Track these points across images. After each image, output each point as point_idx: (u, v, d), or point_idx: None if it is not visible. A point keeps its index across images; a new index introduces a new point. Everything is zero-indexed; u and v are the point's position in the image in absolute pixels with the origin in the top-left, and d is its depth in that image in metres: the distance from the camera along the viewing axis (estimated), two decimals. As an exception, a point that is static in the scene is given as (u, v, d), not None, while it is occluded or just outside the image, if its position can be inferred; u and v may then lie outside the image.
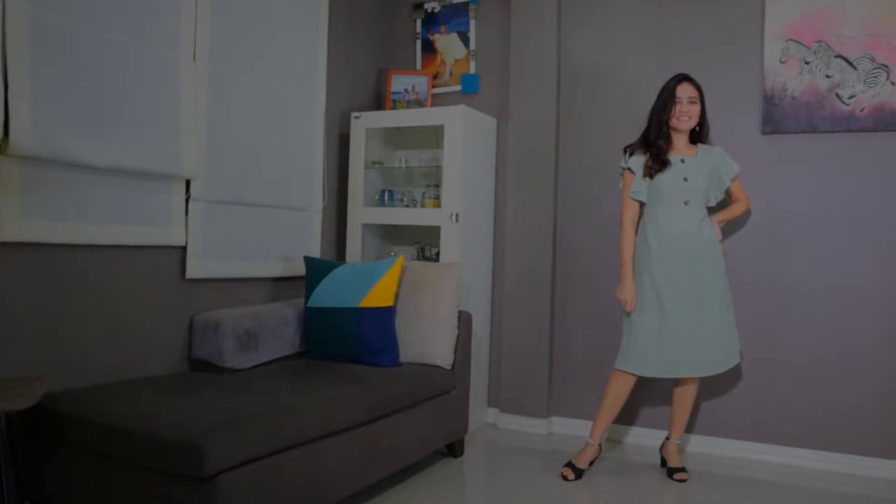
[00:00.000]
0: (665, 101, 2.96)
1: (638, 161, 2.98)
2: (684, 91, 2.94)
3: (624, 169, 3.03)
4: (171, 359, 2.83)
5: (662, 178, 2.93)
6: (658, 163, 2.94)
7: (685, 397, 3.10)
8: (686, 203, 2.93)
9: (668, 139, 2.97)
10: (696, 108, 2.95)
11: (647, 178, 2.95)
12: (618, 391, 2.97)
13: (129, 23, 2.60)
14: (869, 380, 3.12)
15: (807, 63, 3.20)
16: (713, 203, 3.05)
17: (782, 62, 3.24)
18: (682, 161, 2.96)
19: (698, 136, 3.03)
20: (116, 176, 2.59)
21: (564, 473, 2.97)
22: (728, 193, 3.10)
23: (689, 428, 3.42)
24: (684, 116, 2.94)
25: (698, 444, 3.42)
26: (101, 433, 2.06)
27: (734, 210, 3.13)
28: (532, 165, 3.74)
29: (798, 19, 3.21)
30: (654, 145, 2.96)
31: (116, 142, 2.55)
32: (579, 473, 2.97)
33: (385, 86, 4.10)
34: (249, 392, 2.40)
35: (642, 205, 3.03)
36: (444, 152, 3.59)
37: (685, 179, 2.93)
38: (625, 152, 3.04)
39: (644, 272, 2.96)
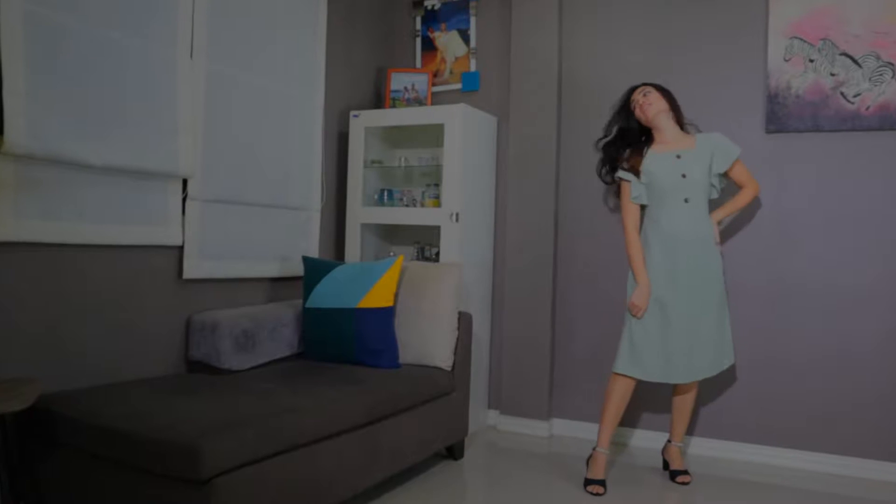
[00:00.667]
0: (626, 106, 3.07)
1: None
2: (636, 93, 3.04)
3: (619, 181, 3.05)
4: (167, 360, 2.83)
5: (661, 176, 2.91)
6: (636, 153, 3.00)
7: (685, 401, 3.09)
8: (686, 201, 2.91)
9: (639, 130, 3.06)
10: (653, 95, 2.99)
11: (641, 178, 2.95)
12: (622, 396, 2.93)
13: (126, 20, 2.59)
14: (872, 381, 3.12)
15: (811, 61, 3.19)
16: (715, 196, 3.02)
17: (786, 60, 3.23)
18: (679, 157, 2.94)
19: (683, 122, 3.05)
20: (113, 175, 2.58)
21: (594, 491, 2.86)
22: (733, 180, 3.03)
23: (691, 430, 3.42)
24: (646, 104, 2.99)
25: (701, 447, 3.42)
26: (97, 435, 2.06)
27: (741, 199, 3.02)
28: (533, 164, 3.74)
29: (802, 17, 3.20)
30: (625, 138, 3.06)
31: (113, 140, 2.55)
32: (603, 483, 2.90)
33: (384, 84, 4.10)
34: (247, 394, 2.39)
35: (643, 207, 3.03)
36: (444, 151, 3.59)
37: (683, 176, 2.91)
38: (602, 171, 3.11)
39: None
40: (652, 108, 2.97)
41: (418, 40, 4.18)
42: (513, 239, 3.78)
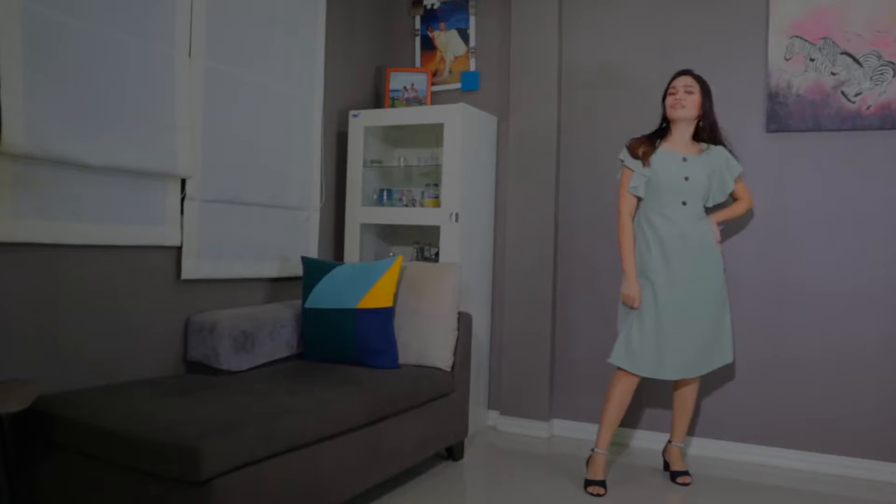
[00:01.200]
0: (664, 92, 3.01)
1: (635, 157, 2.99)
2: (681, 81, 2.96)
3: (622, 164, 3.02)
4: (166, 360, 2.83)
5: (664, 175, 2.91)
6: (649, 143, 2.97)
7: (685, 399, 3.09)
8: (684, 203, 2.92)
9: (665, 129, 3.02)
10: (692, 98, 2.93)
11: (646, 168, 2.93)
12: (623, 396, 2.93)
13: (124, 18, 2.59)
14: (875, 381, 3.11)
15: (812, 60, 3.19)
16: (711, 205, 3.04)
17: (787, 59, 3.23)
18: (685, 159, 2.94)
19: (706, 136, 2.99)
20: (111, 175, 2.58)
21: (594, 492, 2.86)
22: (730, 193, 3.07)
23: (692, 430, 3.42)
24: (678, 105, 2.93)
25: (702, 447, 3.42)
26: (95, 436, 2.06)
27: (736, 209, 3.10)
28: (533, 164, 3.73)
29: (803, 16, 3.20)
30: (654, 133, 3.03)
31: (111, 140, 2.54)
32: (604, 484, 2.90)
33: (384, 83, 4.09)
34: (246, 394, 2.39)
35: (640, 200, 3.02)
36: (444, 151, 3.59)
37: (686, 179, 2.92)
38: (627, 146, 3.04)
39: (640, 272, 2.95)
40: (681, 112, 2.94)
41: (418, 39, 4.17)
42: (513, 239, 3.78)
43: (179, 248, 2.88)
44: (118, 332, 2.64)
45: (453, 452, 3.23)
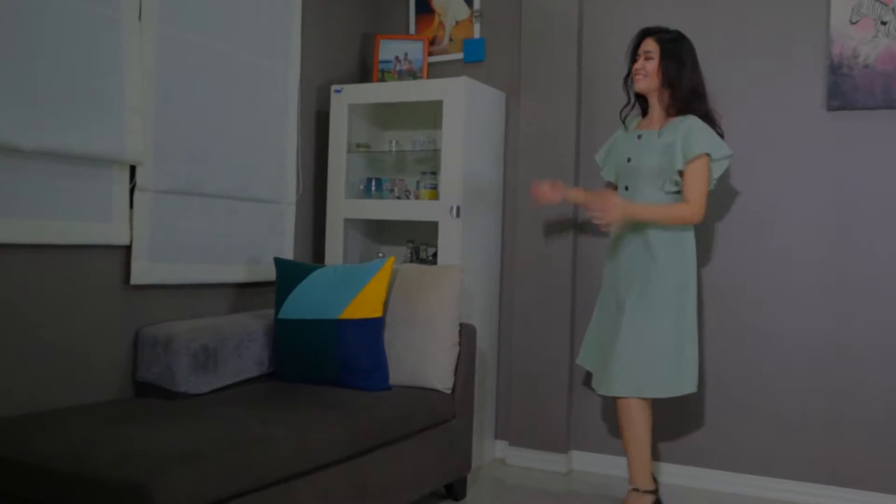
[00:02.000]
0: (629, 61, 3.12)
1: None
2: (642, 47, 3.04)
3: None
4: (111, 382, 2.82)
5: (614, 157, 3.14)
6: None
7: (622, 421, 2.95)
8: (627, 189, 3.02)
9: (631, 103, 3.15)
10: (651, 65, 2.97)
11: (602, 150, 3.25)
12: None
13: (62, -26, 2.58)
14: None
15: (884, 23, 3.18)
16: (671, 189, 2.95)
17: (853, 23, 3.22)
18: (639, 137, 3.02)
19: (676, 107, 2.96)
20: (46, 161, 2.57)
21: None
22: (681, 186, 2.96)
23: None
24: (637, 75, 3.01)
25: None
26: (25, 474, 2.03)
27: (671, 210, 2.88)
28: (548, 148, 3.73)
29: (869, -28, 3.20)
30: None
31: (45, 120, 2.53)
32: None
33: (372, 53, 4.10)
34: (208, 422, 2.39)
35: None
36: (443, 133, 3.60)
37: (628, 160, 3.01)
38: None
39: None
40: (642, 83, 3.01)
41: (412, 1, 4.18)
42: (524, 237, 3.78)
43: (128, 248, 2.88)
44: (53, 349, 2.63)
45: (454, 490, 3.23)
